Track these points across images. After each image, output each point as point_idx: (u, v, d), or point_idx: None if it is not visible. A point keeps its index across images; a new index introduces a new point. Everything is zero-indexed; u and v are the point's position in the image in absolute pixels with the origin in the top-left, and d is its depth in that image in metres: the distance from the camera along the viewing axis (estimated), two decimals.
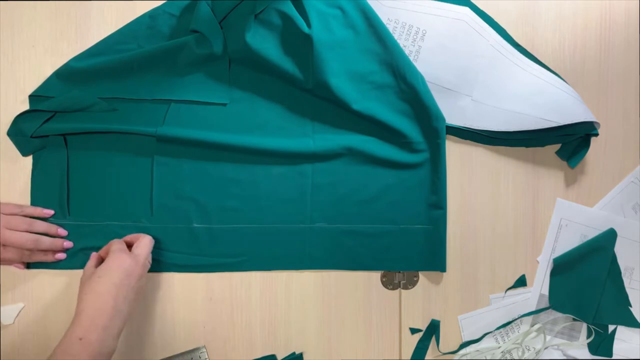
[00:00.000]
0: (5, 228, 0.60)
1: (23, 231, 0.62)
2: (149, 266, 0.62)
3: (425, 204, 0.70)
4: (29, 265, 0.67)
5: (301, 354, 0.70)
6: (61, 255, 0.66)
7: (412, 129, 0.70)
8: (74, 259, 0.67)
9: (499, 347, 0.72)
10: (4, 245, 0.60)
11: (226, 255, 0.69)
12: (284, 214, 0.69)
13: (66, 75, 0.68)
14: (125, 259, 0.58)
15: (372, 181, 0.70)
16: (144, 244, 0.62)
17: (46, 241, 0.64)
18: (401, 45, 0.70)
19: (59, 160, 0.68)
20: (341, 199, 0.70)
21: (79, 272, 0.68)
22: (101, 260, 0.60)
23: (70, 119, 0.68)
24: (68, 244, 0.66)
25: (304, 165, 0.70)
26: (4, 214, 0.62)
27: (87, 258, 0.66)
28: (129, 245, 0.63)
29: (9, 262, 0.63)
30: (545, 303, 0.72)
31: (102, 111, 0.68)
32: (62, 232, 0.66)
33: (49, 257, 0.65)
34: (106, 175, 0.68)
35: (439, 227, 0.70)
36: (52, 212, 0.67)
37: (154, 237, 0.66)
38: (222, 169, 0.69)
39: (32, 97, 0.68)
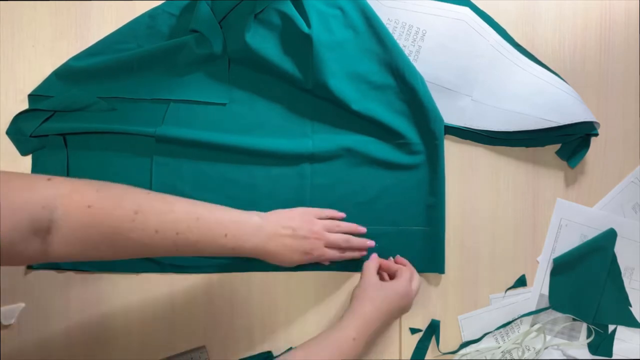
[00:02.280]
0: (325, 231, 0.64)
1: (336, 232, 0.65)
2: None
3: (423, 205, 0.70)
4: (30, 264, 0.67)
5: None
6: (364, 253, 0.68)
7: (410, 129, 0.70)
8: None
9: (499, 347, 0.72)
10: (326, 246, 0.64)
11: (225, 256, 0.69)
12: None
13: (65, 74, 0.68)
14: (410, 294, 0.63)
15: (371, 182, 0.70)
16: (419, 280, 0.67)
17: (355, 240, 0.66)
18: (401, 45, 0.70)
19: (58, 160, 0.68)
20: (340, 200, 0.70)
21: (78, 273, 0.68)
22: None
23: (69, 119, 0.68)
24: (371, 242, 0.67)
25: (303, 166, 0.70)
26: (318, 217, 0.66)
27: None
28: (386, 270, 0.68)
29: (329, 259, 0.66)
30: (545, 303, 0.72)
31: (101, 111, 0.68)
32: (362, 229, 0.68)
33: (355, 254, 0.67)
34: (105, 176, 0.68)
35: (437, 229, 0.70)
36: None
37: None
38: (221, 169, 0.69)
39: (31, 97, 0.68)
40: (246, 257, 0.68)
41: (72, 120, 0.68)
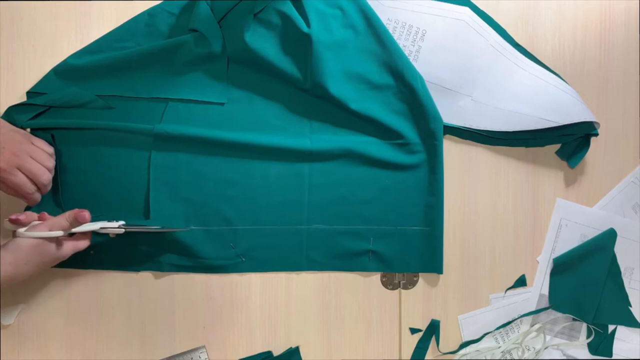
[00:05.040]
0: (29, 156, 0.60)
1: (45, 167, 0.62)
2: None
3: (422, 206, 0.70)
4: None
5: (297, 348, 0.70)
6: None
7: (409, 130, 0.70)
8: (73, 258, 0.67)
9: (499, 347, 0.72)
10: (19, 169, 0.59)
11: (223, 257, 0.69)
12: (281, 215, 0.69)
13: (64, 72, 0.68)
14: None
15: (370, 182, 0.70)
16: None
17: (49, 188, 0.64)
18: (401, 45, 0.70)
19: None
20: (339, 200, 0.70)
21: (77, 272, 0.68)
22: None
23: (65, 115, 0.68)
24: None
25: (301, 165, 0.69)
26: (33, 143, 0.62)
27: (85, 257, 0.66)
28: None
29: (14, 188, 0.60)
30: (545, 303, 0.72)
31: (98, 108, 0.68)
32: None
33: (31, 199, 0.63)
34: (103, 177, 0.68)
35: (436, 229, 0.69)
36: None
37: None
38: (219, 170, 0.69)
39: (30, 94, 0.68)
40: (243, 259, 0.69)
41: (68, 117, 0.68)
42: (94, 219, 0.66)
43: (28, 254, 0.56)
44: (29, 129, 0.66)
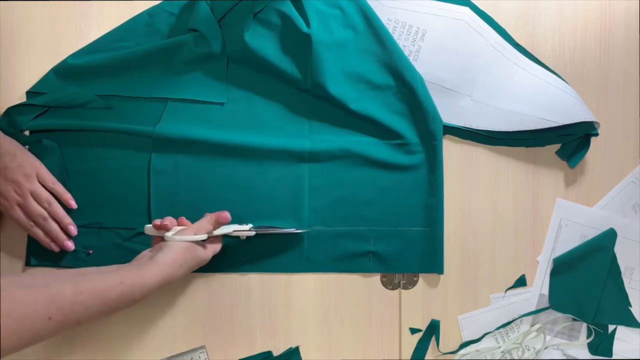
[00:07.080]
0: (30, 194, 0.63)
1: (42, 206, 0.64)
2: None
3: (422, 206, 0.70)
4: (28, 262, 0.67)
5: (297, 347, 0.70)
6: (55, 247, 0.65)
7: (409, 130, 0.70)
8: (73, 258, 0.67)
9: (499, 347, 0.72)
10: (19, 205, 0.63)
11: (224, 259, 0.69)
12: (282, 218, 0.69)
13: (63, 72, 0.68)
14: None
15: (369, 183, 0.70)
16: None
17: (54, 229, 0.65)
18: (401, 45, 0.70)
19: (53, 161, 0.67)
20: (338, 202, 0.69)
21: None
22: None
23: (64, 115, 0.68)
24: (69, 245, 0.66)
25: (300, 166, 0.69)
26: (39, 181, 0.64)
27: (85, 257, 0.67)
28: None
29: (14, 221, 0.64)
30: (545, 303, 0.72)
31: (98, 108, 0.68)
32: (73, 230, 0.66)
33: (45, 242, 0.65)
34: (104, 179, 0.68)
35: (436, 229, 0.69)
36: (75, 206, 0.66)
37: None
38: (218, 172, 0.69)
39: (29, 93, 0.68)
40: (247, 258, 0.69)
41: (68, 117, 0.68)
42: (93, 222, 0.66)
43: (183, 256, 0.59)
44: (28, 132, 0.67)
